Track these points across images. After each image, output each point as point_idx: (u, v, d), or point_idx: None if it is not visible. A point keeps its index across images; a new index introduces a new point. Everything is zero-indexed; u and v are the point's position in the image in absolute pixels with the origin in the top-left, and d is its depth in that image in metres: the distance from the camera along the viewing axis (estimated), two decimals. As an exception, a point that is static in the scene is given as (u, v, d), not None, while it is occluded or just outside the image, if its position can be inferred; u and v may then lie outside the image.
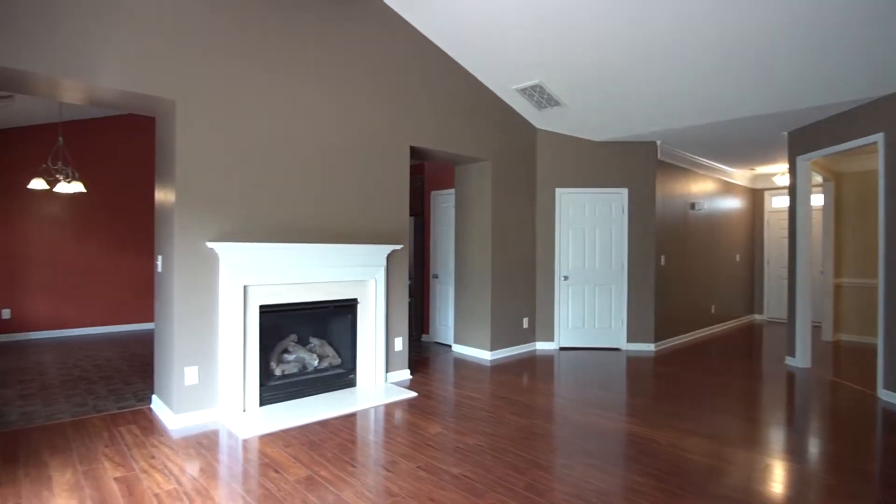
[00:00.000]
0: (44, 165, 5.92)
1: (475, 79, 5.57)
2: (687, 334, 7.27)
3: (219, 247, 3.63)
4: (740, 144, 6.52)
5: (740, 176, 8.75)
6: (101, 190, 7.17)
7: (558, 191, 6.42)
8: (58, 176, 5.89)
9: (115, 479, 2.75)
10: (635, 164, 6.41)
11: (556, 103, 5.68)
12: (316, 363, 4.35)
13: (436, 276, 6.78)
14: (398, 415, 3.88)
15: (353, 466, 2.95)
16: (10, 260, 6.61)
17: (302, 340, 4.50)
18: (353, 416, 3.85)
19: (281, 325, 4.24)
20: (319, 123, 4.29)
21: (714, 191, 8.02)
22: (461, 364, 5.61)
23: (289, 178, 4.11)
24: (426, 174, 7.00)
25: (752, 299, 9.51)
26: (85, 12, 3.19)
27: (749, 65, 4.29)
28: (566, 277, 6.42)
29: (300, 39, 4.16)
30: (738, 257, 8.88)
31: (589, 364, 5.66)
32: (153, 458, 3.03)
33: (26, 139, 6.62)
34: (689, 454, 3.16)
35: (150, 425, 3.58)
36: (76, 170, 6.01)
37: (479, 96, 5.62)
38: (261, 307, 3.92)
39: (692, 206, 7.32)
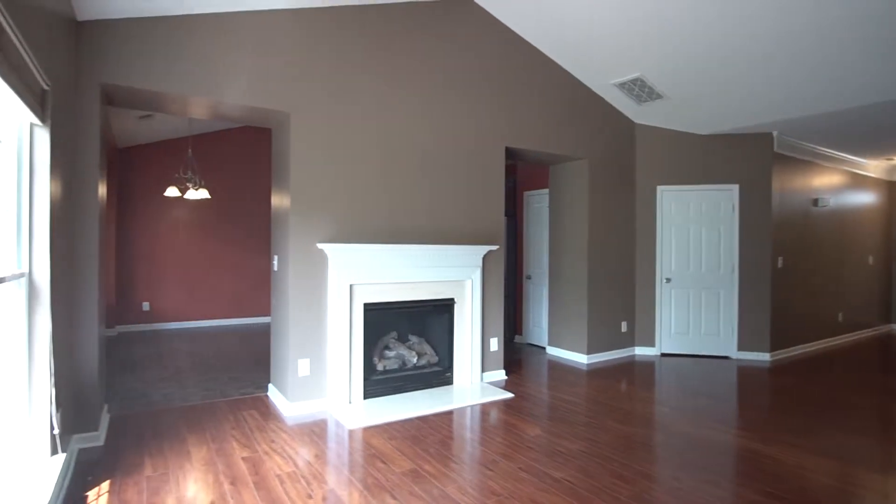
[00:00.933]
0: (176, 175, 6.68)
1: (570, 75, 5.46)
2: (809, 344, 6.59)
3: (328, 248, 3.87)
4: (875, 132, 5.80)
5: (875, 167, 7.78)
6: (223, 195, 7.92)
7: (660, 188, 6.10)
8: (187, 184, 6.60)
9: (243, 458, 3.04)
10: (747, 158, 5.93)
11: (658, 96, 5.41)
12: (415, 360, 4.50)
13: (529, 278, 6.73)
14: (496, 415, 3.90)
15: (455, 463, 3.02)
16: (149, 259, 7.50)
17: (401, 338, 4.67)
18: (451, 413, 3.93)
19: (382, 322, 4.43)
20: (418, 128, 4.43)
21: (842, 184, 7.21)
22: (556, 367, 5.52)
23: (390, 182, 4.28)
24: (519, 174, 6.97)
25: (890, 307, 8.42)
26: (212, 39, 3.55)
27: (886, 43, 3.81)
28: (668, 280, 6.09)
29: (400, 49, 4.32)
30: (871, 259, 7.91)
31: (695, 372, 5.33)
32: (273, 441, 3.30)
33: (162, 152, 7.48)
34: (814, 474, 2.88)
35: (267, 411, 3.90)
36: (202, 178, 6.71)
37: (574, 93, 5.50)
38: (365, 305, 4.12)
39: (815, 202, 6.63)
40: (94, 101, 3.23)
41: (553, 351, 6.07)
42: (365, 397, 4.12)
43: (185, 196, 6.65)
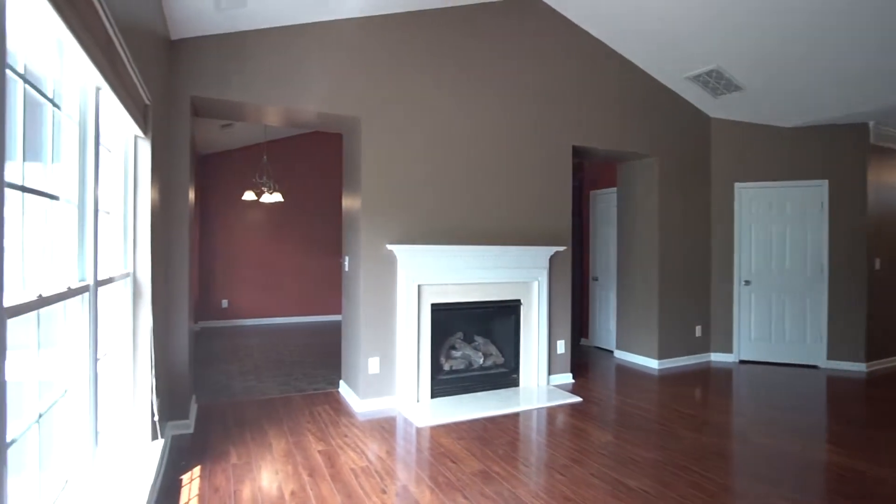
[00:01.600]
0: (252, 180, 7.07)
1: (640, 70, 5.27)
2: (910, 353, 6.00)
3: (397, 249, 3.96)
4: None
5: None
6: (294, 199, 8.28)
7: (738, 186, 5.77)
8: (263, 188, 6.95)
9: (319, 451, 3.16)
10: (838, 151, 5.49)
11: (736, 88, 5.12)
12: (481, 360, 4.51)
13: (595, 279, 6.56)
14: (564, 419, 3.84)
15: (525, 465, 3.00)
16: (228, 259, 7.98)
17: (467, 338, 4.69)
18: (518, 415, 3.91)
19: (449, 322, 4.47)
20: (484, 128, 4.44)
21: (950, 179, 6.50)
22: (625, 371, 5.35)
23: (457, 183, 4.31)
24: (585, 173, 6.81)
25: None
26: (287, 50, 3.72)
27: None
28: (748, 282, 5.74)
29: (465, 51, 4.35)
30: None
31: (778, 381, 5.00)
32: (346, 436, 3.41)
33: (239, 159, 7.93)
34: (929, 499, 2.62)
35: (339, 407, 4.04)
36: (276, 182, 7.06)
37: (644, 88, 5.31)
38: (432, 305, 4.18)
39: (918, 198, 6.03)
40: (185, 113, 3.48)
41: (622, 355, 5.89)
42: (432, 396, 4.17)
43: (261, 199, 7.01)
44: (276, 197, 6.93)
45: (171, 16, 3.15)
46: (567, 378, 4.86)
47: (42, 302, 1.30)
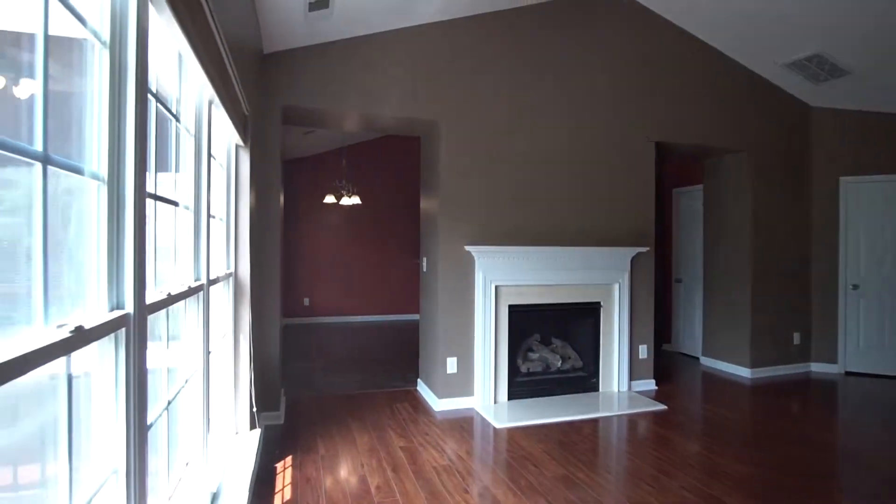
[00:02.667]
0: (333, 183, 7.38)
1: (730, 59, 4.96)
2: None
3: (475, 250, 3.98)
4: None
5: None
6: (371, 201, 8.55)
7: (844, 180, 5.28)
8: (342, 191, 7.24)
9: (401, 447, 3.24)
10: (968, 140, 4.87)
11: (842, 73, 4.68)
12: (559, 364, 4.43)
13: (679, 281, 6.25)
14: (649, 426, 3.69)
15: (609, 473, 2.91)
16: (310, 259, 8.37)
17: (545, 340, 4.63)
18: (599, 420, 3.80)
19: (526, 324, 4.43)
20: (562, 127, 4.36)
21: None
22: (713, 379, 5.05)
23: (536, 184, 4.27)
24: (667, 170, 6.50)
25: None
26: (369, 57, 3.84)
27: None
28: (855, 286, 5.24)
29: (542, 49, 4.29)
30: None
31: (894, 397, 4.52)
32: (427, 434, 3.47)
33: (320, 163, 8.30)
34: None
35: (418, 405, 4.12)
36: (354, 185, 7.33)
37: (734, 79, 4.99)
38: (510, 307, 4.16)
39: None
40: (276, 122, 3.69)
41: (708, 362, 5.57)
42: (509, 398, 4.15)
43: (340, 202, 7.29)
44: (355, 199, 7.18)
45: (264, 31, 3.36)
46: (649, 384, 4.67)
47: (171, 300, 1.43)
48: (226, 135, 2.56)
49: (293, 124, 4.27)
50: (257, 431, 2.73)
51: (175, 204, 1.71)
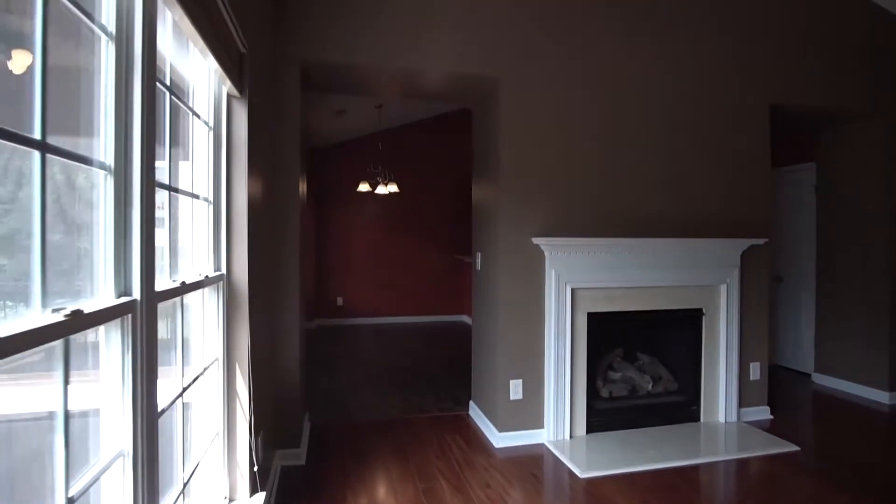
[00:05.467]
0: (368, 169, 6.61)
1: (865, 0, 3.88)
2: None
3: (545, 243, 3.10)
4: None
5: None
6: (410, 190, 7.74)
7: None
8: (378, 178, 6.46)
9: (456, 508, 2.42)
10: None
11: None
12: (650, 386, 3.51)
13: (780, 279, 5.18)
14: (787, 480, 2.73)
15: (764, 566, 2.00)
16: (343, 255, 7.65)
17: (628, 356, 3.72)
18: (717, 467, 2.88)
19: (605, 336, 3.51)
20: (655, 90, 3.42)
21: None
22: (839, 405, 4.02)
23: (620, 161, 3.35)
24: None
25: None
26: (412, 2, 3.01)
27: None
28: None
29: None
30: None
31: None
32: (488, 486, 2.63)
33: (354, 150, 7.55)
34: None
35: (472, 437, 3.29)
36: (391, 172, 6.54)
37: (871, 24, 3.91)
38: (589, 315, 3.26)
39: None
40: (293, 81, 2.91)
41: (825, 381, 4.51)
42: (588, 430, 3.27)
43: (376, 191, 6.53)
44: (392, 188, 6.40)
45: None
46: (762, 412, 3.68)
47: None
48: (206, 75, 1.78)
49: (318, 89, 3.49)
50: (261, 497, 1.95)
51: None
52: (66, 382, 0.91)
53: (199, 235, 1.75)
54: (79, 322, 0.90)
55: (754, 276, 3.63)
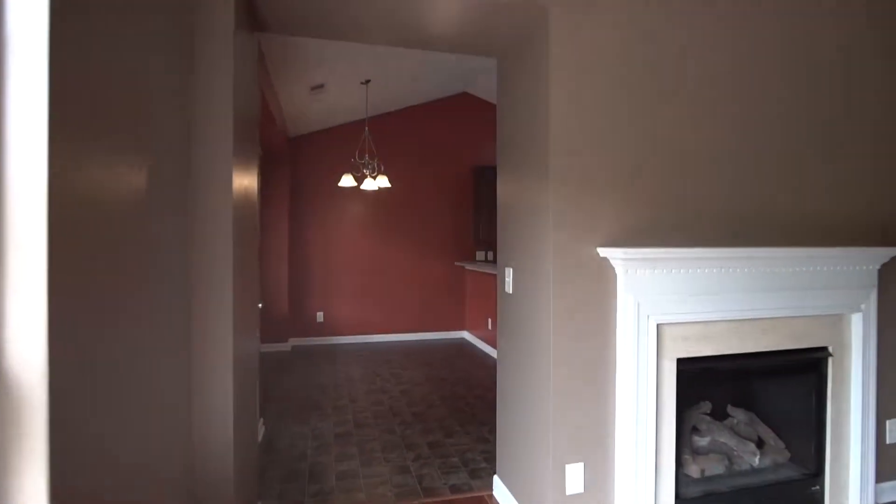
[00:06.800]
0: (352, 160, 5.49)
1: None
2: None
3: (622, 256, 2.04)
4: None
5: None
6: (403, 186, 6.64)
7: None
8: (364, 171, 5.35)
9: None
10: None
11: None
12: (756, 459, 2.46)
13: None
14: None
15: None
16: (323, 262, 6.53)
17: (716, 411, 2.66)
18: None
19: (692, 388, 2.45)
20: (768, 46, 2.37)
21: None
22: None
23: (720, 142, 2.30)
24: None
25: None
26: None
27: None
28: None
29: None
30: None
31: None
32: None
33: (337, 138, 6.44)
34: None
35: (505, 542, 2.21)
36: (381, 163, 5.44)
37: None
38: (679, 363, 2.20)
39: None
40: (226, 13, 1.81)
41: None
42: (677, 533, 2.21)
43: (362, 186, 5.43)
44: (382, 182, 5.31)
45: None
46: (901, 487, 2.66)
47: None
48: None
49: (270, 28, 2.38)
50: None
51: None
52: None
53: None
54: None
55: (893, 299, 2.60)
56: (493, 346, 5.89)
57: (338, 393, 4.47)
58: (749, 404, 2.68)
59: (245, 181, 2.12)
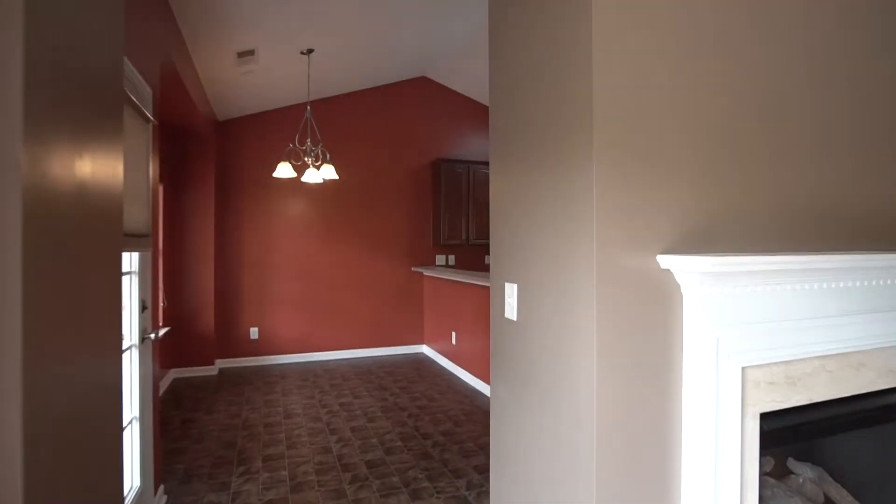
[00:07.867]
0: (290, 146, 4.58)
1: None
2: None
3: (696, 269, 1.34)
4: None
5: None
6: (354, 180, 5.80)
7: None
8: (306, 159, 4.48)
9: None
10: None
11: None
12: (839, 538, 1.85)
13: None
14: None
15: None
16: (258, 270, 5.58)
17: (777, 468, 2.04)
18: None
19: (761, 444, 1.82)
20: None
21: None
22: None
23: (812, 122, 1.67)
24: None
25: None
26: None
27: None
28: None
29: None
30: None
31: None
32: None
33: (276, 121, 5.52)
34: None
35: None
36: (327, 152, 4.58)
37: None
38: (762, 417, 1.54)
39: None
40: None
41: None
42: None
43: (304, 178, 4.56)
44: (327, 172, 4.47)
45: None
46: (985, 550, 2.12)
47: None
48: None
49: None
50: None
51: None
52: None
53: None
54: None
55: (985, 317, 2.06)
56: (456, 362, 5.17)
57: (272, 435, 3.59)
58: (816, 456, 2.08)
59: (71, 162, 1.26)
